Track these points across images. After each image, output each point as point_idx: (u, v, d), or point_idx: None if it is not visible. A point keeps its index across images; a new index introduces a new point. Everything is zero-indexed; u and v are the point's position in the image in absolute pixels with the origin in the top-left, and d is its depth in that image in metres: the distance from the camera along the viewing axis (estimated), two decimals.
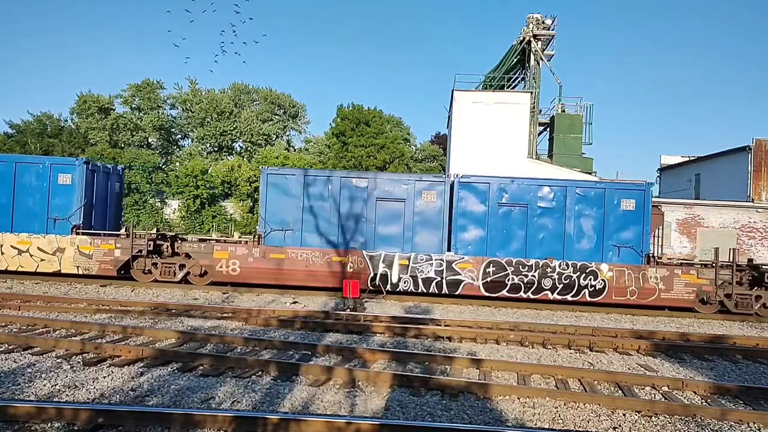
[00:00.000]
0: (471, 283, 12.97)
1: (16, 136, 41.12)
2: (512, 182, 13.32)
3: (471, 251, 13.16)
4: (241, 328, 9.05)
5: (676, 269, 12.79)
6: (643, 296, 12.70)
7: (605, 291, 12.76)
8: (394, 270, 13.12)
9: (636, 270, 12.76)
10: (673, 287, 12.69)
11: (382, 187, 13.50)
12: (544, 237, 13.07)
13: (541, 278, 12.83)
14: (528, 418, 5.29)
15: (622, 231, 12.96)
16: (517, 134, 26.32)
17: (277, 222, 13.52)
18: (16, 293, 11.41)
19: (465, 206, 13.25)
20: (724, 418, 5.43)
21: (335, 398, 5.61)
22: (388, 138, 40.57)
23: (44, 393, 5.44)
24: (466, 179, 13.34)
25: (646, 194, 13.02)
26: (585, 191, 13.15)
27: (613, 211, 12.98)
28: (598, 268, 12.80)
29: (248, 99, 48.90)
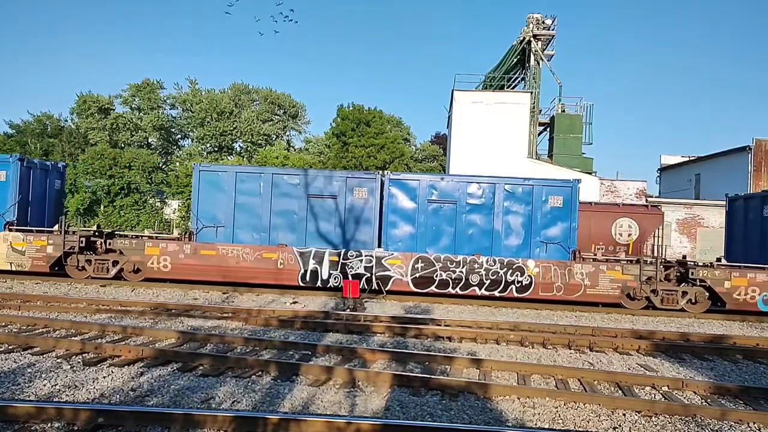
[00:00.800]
0: (400, 279, 13.08)
1: (16, 136, 41.13)
2: (441, 179, 13.58)
3: (402, 248, 13.28)
4: (241, 328, 9.05)
5: (601, 265, 12.86)
6: (569, 292, 12.79)
7: (532, 287, 12.87)
8: (324, 266, 13.22)
9: (562, 266, 12.84)
10: (598, 283, 12.78)
11: (314, 184, 13.57)
12: (473, 233, 13.22)
13: (468, 274, 12.95)
14: (528, 418, 5.29)
15: (550, 227, 13.10)
16: (517, 134, 26.33)
17: (210, 219, 13.61)
18: (16, 293, 11.41)
19: (396, 203, 13.38)
20: (724, 418, 5.43)
21: (335, 398, 5.61)
22: (388, 138, 40.56)
23: (44, 393, 5.44)
24: (396, 177, 13.55)
25: (573, 191, 13.11)
26: (513, 188, 13.27)
27: (541, 207, 13.10)
28: (525, 265, 12.91)
29: (248, 99, 48.89)
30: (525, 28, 28.09)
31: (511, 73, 29.63)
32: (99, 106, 43.67)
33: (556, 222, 13.07)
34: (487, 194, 13.22)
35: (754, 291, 12.43)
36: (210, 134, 45.24)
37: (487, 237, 13.16)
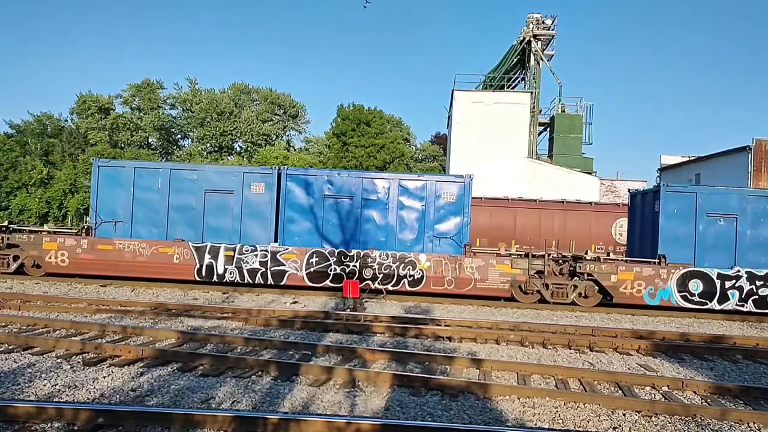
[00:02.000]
0: (295, 274, 13.20)
1: (16, 136, 41.13)
2: (338, 175, 13.75)
3: (299, 242, 13.41)
4: (242, 328, 9.05)
5: (491, 259, 13.05)
6: (460, 285, 12.96)
7: (423, 280, 13.03)
8: (219, 261, 13.29)
9: (453, 260, 13.01)
10: (488, 277, 12.95)
11: (211, 179, 13.65)
12: (369, 228, 13.40)
13: (362, 268, 13.11)
14: (528, 418, 5.29)
15: (443, 222, 13.30)
16: (517, 134, 26.35)
17: (110, 214, 13.70)
18: (16, 293, 11.41)
19: (293, 198, 13.50)
20: (724, 418, 5.43)
21: (335, 398, 5.61)
22: (388, 138, 40.58)
23: (44, 393, 5.45)
24: (293, 172, 13.69)
25: (465, 186, 13.29)
26: (408, 183, 13.48)
27: (434, 203, 13.30)
28: (417, 259, 13.07)
29: (248, 99, 48.89)
30: (525, 28, 28.11)
31: (511, 73, 29.65)
32: (99, 106, 43.66)
33: (449, 217, 13.31)
34: (382, 190, 13.44)
35: (640, 285, 12.61)
36: (210, 134, 45.25)
37: (383, 231, 13.40)
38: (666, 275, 12.55)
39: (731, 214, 12.66)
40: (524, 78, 29.71)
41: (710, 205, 12.73)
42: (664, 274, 12.56)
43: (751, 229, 12.61)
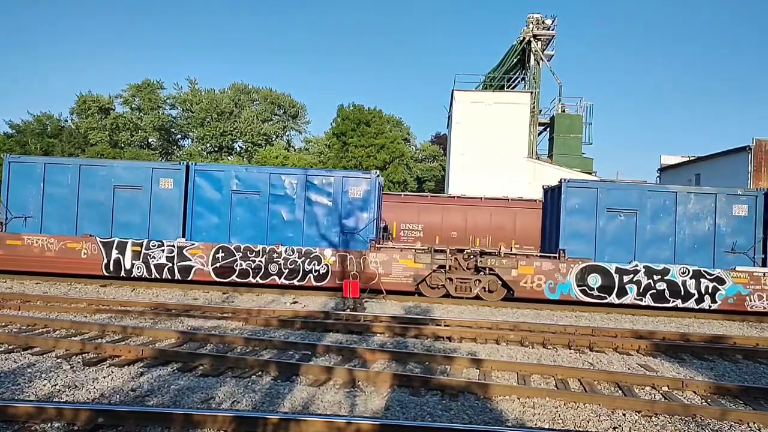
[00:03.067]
0: (201, 269, 13.27)
1: (16, 136, 41.12)
2: (246, 170, 13.88)
3: (207, 238, 13.46)
4: (242, 328, 9.05)
5: (394, 254, 13.18)
6: (365, 280, 13.03)
7: (329, 275, 13.17)
8: (126, 256, 13.38)
9: (357, 255, 13.17)
10: (392, 271, 13.11)
11: (120, 175, 13.70)
12: (277, 223, 13.47)
13: (268, 264, 13.20)
14: (528, 418, 5.29)
15: (350, 217, 13.47)
16: (517, 134, 26.33)
17: (21, 210, 13.76)
18: (16, 293, 11.41)
19: (202, 194, 13.58)
20: (724, 418, 5.43)
21: (335, 398, 5.61)
22: (388, 138, 40.56)
23: (44, 393, 5.45)
24: (201, 167, 13.77)
25: (372, 182, 13.46)
26: (316, 179, 13.61)
27: (342, 198, 13.42)
28: (322, 254, 13.21)
29: (248, 99, 48.88)
30: (525, 28, 28.09)
31: (511, 73, 29.63)
32: (99, 106, 43.67)
33: (357, 212, 13.47)
34: (290, 185, 13.53)
35: (540, 279, 12.76)
36: (210, 134, 45.25)
37: (291, 227, 13.47)
38: (565, 269, 12.71)
39: (631, 209, 12.84)
40: (524, 78, 29.70)
41: (611, 201, 12.92)
42: (564, 268, 12.72)
43: (650, 224, 12.79)
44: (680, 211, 12.77)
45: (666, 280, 12.51)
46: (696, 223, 12.75)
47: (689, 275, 12.46)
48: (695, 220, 12.76)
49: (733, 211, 12.71)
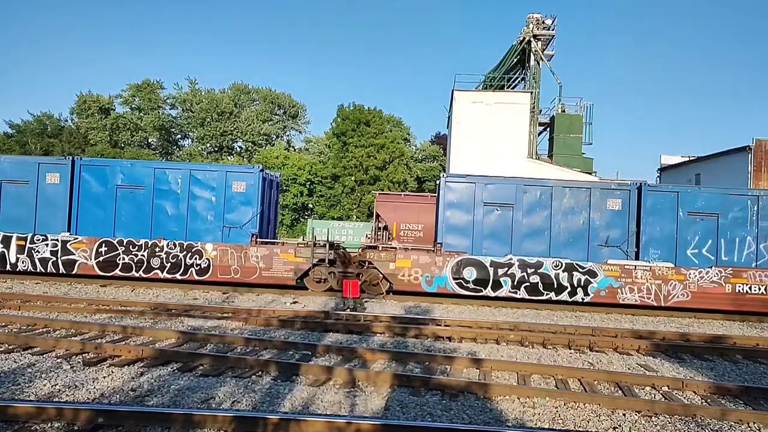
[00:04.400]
0: (85, 263, 13.43)
1: (16, 136, 41.13)
2: (130, 165, 14.07)
3: (93, 232, 13.60)
4: (242, 328, 9.05)
5: (275, 248, 13.35)
6: (246, 274, 13.27)
7: (210, 270, 13.31)
8: (11, 250, 13.56)
9: (238, 249, 13.32)
10: (273, 265, 13.23)
11: (7, 169, 13.78)
12: (161, 218, 13.62)
13: (150, 257, 13.37)
14: (528, 418, 5.29)
15: (234, 212, 13.62)
16: (517, 134, 26.31)
17: None
18: (16, 293, 11.41)
19: (89, 189, 13.71)
20: (724, 418, 5.43)
21: (335, 398, 5.61)
22: (388, 138, 40.57)
23: (44, 393, 5.45)
24: (87, 162, 13.97)
25: (255, 178, 13.64)
26: (200, 174, 13.80)
27: (225, 193, 13.60)
28: (203, 248, 13.35)
29: (248, 99, 48.91)
30: (525, 28, 28.06)
31: (511, 73, 29.60)
32: (99, 106, 43.69)
33: (240, 207, 13.61)
34: (176, 180, 13.67)
35: (417, 272, 12.97)
36: (210, 134, 45.27)
37: (175, 221, 13.60)
38: (441, 263, 12.91)
39: (508, 203, 13.02)
40: (524, 78, 29.68)
41: (488, 195, 13.11)
42: (440, 261, 12.92)
43: (526, 217, 12.97)
44: (555, 205, 12.98)
45: (539, 273, 12.73)
46: (571, 216, 12.99)
47: (562, 268, 12.67)
48: (570, 213, 13.00)
49: (608, 205, 12.93)
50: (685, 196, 12.77)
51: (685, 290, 12.44)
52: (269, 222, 14.98)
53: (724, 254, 12.63)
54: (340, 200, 39.60)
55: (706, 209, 12.68)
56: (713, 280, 12.43)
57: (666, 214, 12.74)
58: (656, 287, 12.50)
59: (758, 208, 12.60)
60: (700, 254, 12.69)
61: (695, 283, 12.44)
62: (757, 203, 12.63)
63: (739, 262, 12.58)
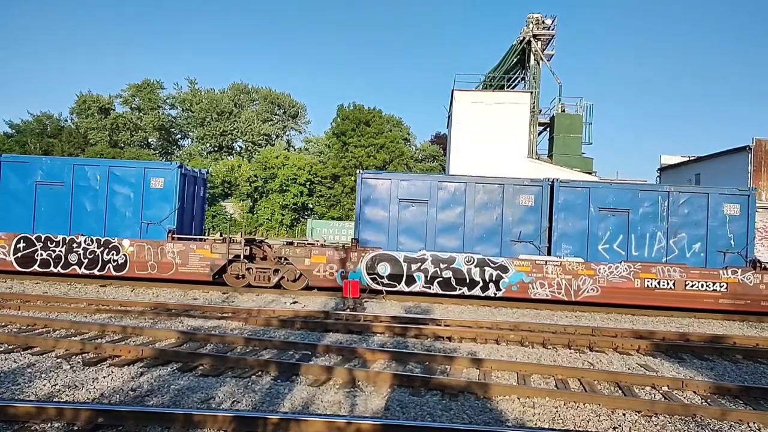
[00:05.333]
0: (4, 259, 13.61)
1: (16, 136, 41.12)
2: (50, 161, 14.25)
3: (14, 228, 13.74)
4: (242, 328, 9.05)
5: (191, 244, 13.50)
6: (162, 270, 13.41)
7: (127, 265, 13.49)
8: None
9: (155, 245, 13.47)
10: (189, 261, 13.40)
11: None
12: (81, 214, 13.76)
13: (67, 253, 13.52)
14: (528, 418, 5.29)
15: (152, 208, 13.78)
16: (517, 134, 26.33)
17: None
18: (16, 293, 11.41)
19: (7, 185, 13.91)
20: (724, 418, 5.43)
21: (335, 398, 5.61)
22: (388, 138, 40.56)
23: (44, 393, 5.44)
24: (8, 159, 14.19)
25: (173, 174, 13.87)
26: (119, 171, 13.97)
27: (144, 189, 13.78)
28: (120, 244, 13.52)
29: (248, 99, 48.89)
30: (525, 28, 28.09)
31: (511, 73, 29.62)
32: (99, 106, 43.68)
33: (159, 203, 13.82)
34: (94, 177, 13.83)
35: (332, 268, 13.23)
36: (210, 134, 45.26)
37: (93, 217, 13.79)
38: (356, 258, 13.13)
39: (423, 199, 13.25)
40: (524, 78, 29.69)
41: (403, 192, 13.33)
42: (355, 257, 13.15)
43: (441, 214, 13.21)
44: (469, 201, 13.17)
45: (452, 269, 12.89)
46: (485, 212, 13.20)
47: (474, 264, 12.84)
48: (484, 209, 13.20)
49: (520, 201, 13.11)
50: (597, 192, 12.98)
51: (595, 285, 12.60)
52: (193, 218, 15.16)
53: (634, 249, 12.83)
54: (340, 200, 39.60)
55: (617, 205, 12.89)
56: (622, 275, 12.57)
57: (578, 209, 12.95)
58: (566, 282, 12.64)
59: (668, 203, 12.81)
60: (611, 249, 12.90)
61: (605, 278, 12.59)
62: (667, 199, 12.82)
63: (649, 258, 12.78)
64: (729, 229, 12.70)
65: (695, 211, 12.78)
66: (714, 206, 12.72)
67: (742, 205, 12.73)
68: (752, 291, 12.34)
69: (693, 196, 12.86)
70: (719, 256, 12.68)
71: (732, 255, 12.66)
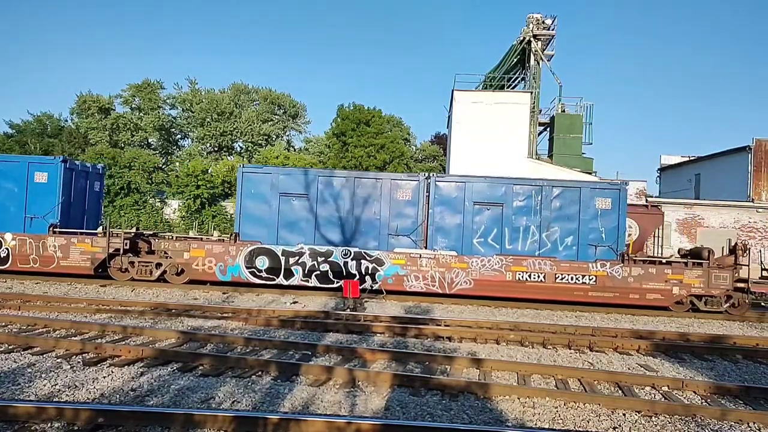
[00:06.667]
0: None
1: (16, 136, 41.12)
2: None
3: None
4: (242, 328, 9.05)
5: (73, 238, 13.66)
6: (44, 263, 13.58)
7: (10, 259, 13.65)
8: None
9: (37, 239, 13.67)
10: (70, 255, 13.58)
11: None
12: None
13: None
14: (528, 418, 5.29)
15: (36, 203, 13.87)
16: (517, 134, 26.30)
17: None
18: (16, 293, 11.41)
19: None
20: (724, 418, 5.43)
21: (335, 398, 5.61)
22: (388, 138, 40.53)
23: (44, 393, 5.44)
24: None
25: (57, 168, 13.95)
26: (4, 165, 14.04)
27: (28, 184, 13.86)
28: (2, 237, 13.68)
29: (248, 99, 48.85)
30: (525, 28, 28.06)
31: (511, 73, 29.59)
32: (99, 106, 43.64)
33: (43, 198, 13.90)
34: None
35: (210, 262, 13.34)
36: (210, 134, 45.22)
37: None
38: (235, 252, 13.27)
39: (302, 193, 13.51)
40: (524, 78, 29.66)
41: (285, 186, 13.54)
42: (234, 251, 13.28)
43: (322, 208, 13.45)
44: (349, 196, 13.36)
45: (329, 262, 13.10)
46: (365, 206, 13.37)
47: (351, 257, 13.07)
48: (364, 203, 13.36)
49: (398, 195, 13.28)
50: (472, 186, 13.15)
51: (468, 278, 12.80)
52: (85, 212, 15.21)
53: (509, 243, 13.05)
54: None
55: (492, 199, 13.09)
56: (494, 269, 12.79)
57: (454, 203, 13.17)
58: (440, 275, 12.85)
59: (541, 197, 12.99)
60: (486, 243, 13.10)
61: (477, 271, 12.80)
62: (540, 193, 13.00)
63: (523, 251, 12.97)
64: (601, 222, 12.90)
65: (568, 204, 13.01)
66: (586, 200, 12.94)
67: (613, 199, 12.94)
68: (620, 284, 12.58)
69: (566, 190, 13.08)
70: (591, 250, 12.88)
71: (603, 248, 12.85)
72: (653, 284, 12.54)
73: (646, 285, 12.54)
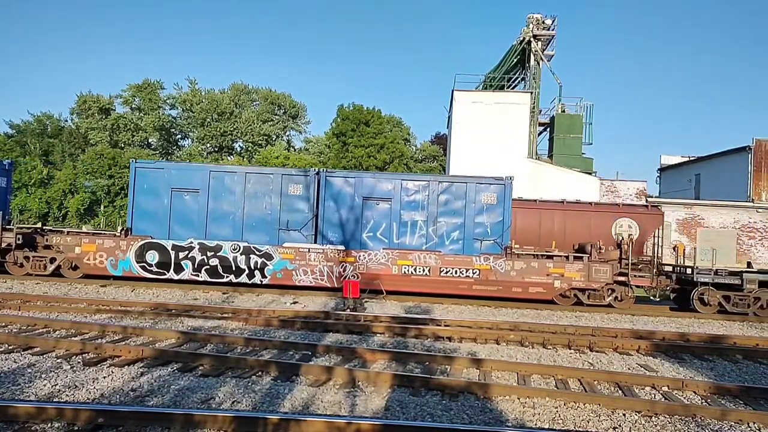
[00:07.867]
0: None
1: (16, 136, 41.13)
2: None
3: None
4: (242, 329, 9.05)
5: None
6: None
7: None
8: None
9: None
10: None
11: None
12: None
13: None
14: (528, 418, 5.29)
15: None
16: (517, 134, 26.31)
17: None
18: (16, 293, 11.41)
19: None
20: (724, 418, 5.43)
21: (335, 398, 5.61)
22: (388, 138, 40.52)
23: (44, 393, 5.44)
24: None
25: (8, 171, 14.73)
26: None
27: None
28: None
29: (248, 99, 48.85)
30: (525, 28, 28.07)
31: (511, 73, 29.59)
32: (99, 107, 43.64)
33: None
34: None
35: (102, 256, 13.47)
36: (210, 134, 45.22)
37: None
38: (126, 246, 13.44)
39: (195, 188, 13.64)
40: (524, 78, 29.67)
41: (176, 181, 13.71)
42: (124, 245, 13.45)
43: (212, 201, 13.59)
44: (241, 191, 13.53)
45: (219, 256, 13.25)
46: (256, 201, 13.62)
47: (240, 251, 13.24)
48: (255, 198, 13.62)
49: (290, 190, 13.50)
50: (361, 182, 13.40)
51: (356, 272, 13.02)
52: None
53: (397, 237, 13.30)
54: None
55: (381, 194, 13.34)
56: (381, 262, 13.04)
57: (344, 198, 13.39)
58: (328, 269, 13.07)
59: (429, 193, 13.24)
60: (375, 237, 13.36)
61: (365, 264, 13.03)
62: (428, 188, 13.26)
63: (411, 245, 13.20)
64: (486, 217, 13.16)
65: (454, 199, 13.29)
66: (472, 195, 13.18)
67: (498, 194, 13.19)
68: (503, 277, 12.82)
69: (452, 186, 13.36)
70: (477, 244, 13.11)
71: (489, 243, 13.08)
72: (535, 278, 12.78)
73: (529, 279, 12.78)
